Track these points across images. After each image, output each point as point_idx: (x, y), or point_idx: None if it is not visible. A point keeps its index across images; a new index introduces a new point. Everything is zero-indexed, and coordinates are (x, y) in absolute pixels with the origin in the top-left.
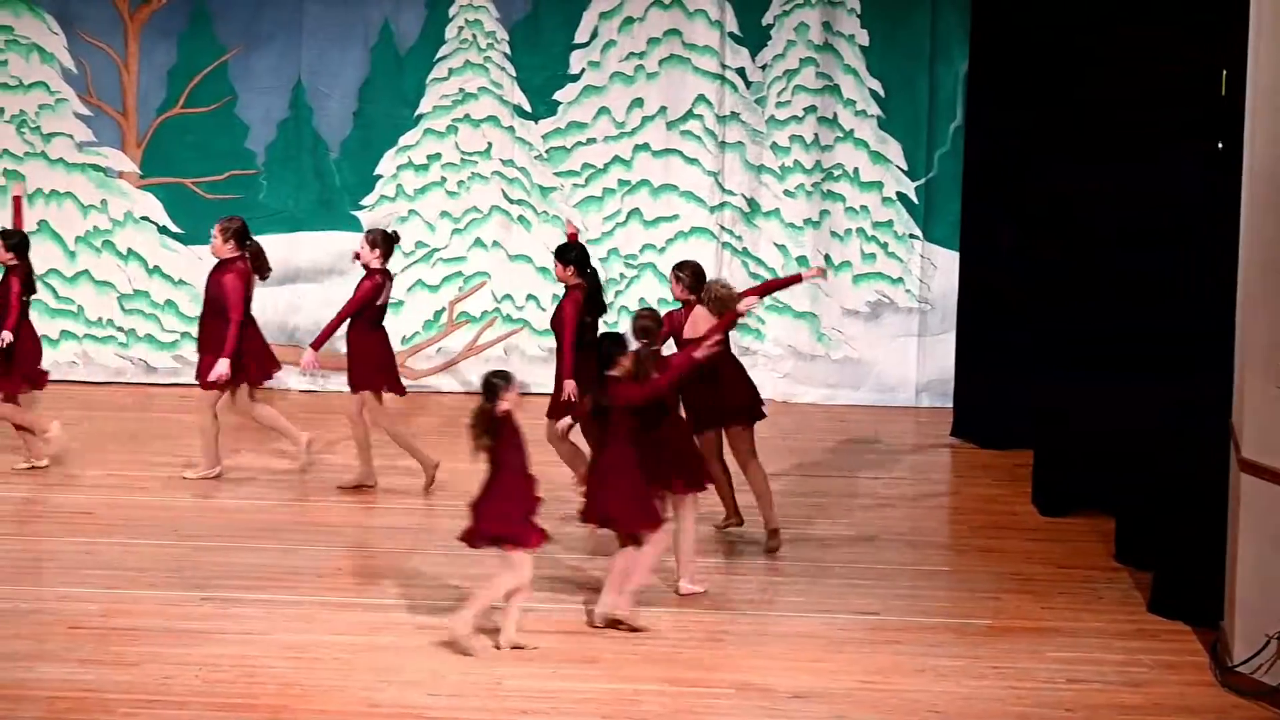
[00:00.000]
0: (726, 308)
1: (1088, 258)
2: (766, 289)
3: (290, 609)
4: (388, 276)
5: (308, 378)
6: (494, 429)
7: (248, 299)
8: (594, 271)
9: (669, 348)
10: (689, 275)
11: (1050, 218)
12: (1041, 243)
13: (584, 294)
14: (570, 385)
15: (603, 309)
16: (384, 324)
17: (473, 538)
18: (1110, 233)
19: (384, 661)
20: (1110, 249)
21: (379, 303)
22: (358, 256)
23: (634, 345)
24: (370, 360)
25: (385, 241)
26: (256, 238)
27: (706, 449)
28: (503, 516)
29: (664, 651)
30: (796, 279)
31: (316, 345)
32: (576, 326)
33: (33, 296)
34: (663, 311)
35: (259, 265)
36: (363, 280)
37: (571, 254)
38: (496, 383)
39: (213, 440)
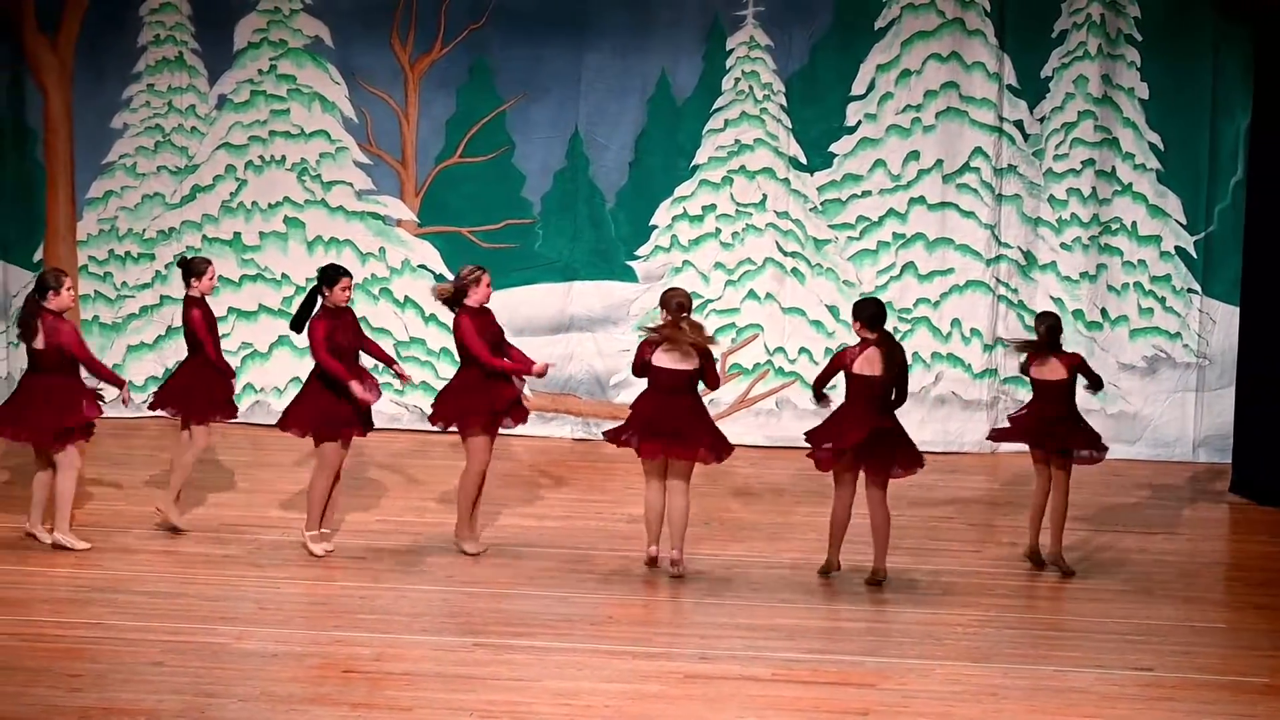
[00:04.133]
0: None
1: None
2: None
3: (561, 655)
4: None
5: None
6: None
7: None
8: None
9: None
10: (868, 313)
11: None
12: None
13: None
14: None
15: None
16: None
17: None
18: None
19: (652, 710)
20: None
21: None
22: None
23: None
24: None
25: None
26: (531, 285)
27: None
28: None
29: (937, 706)
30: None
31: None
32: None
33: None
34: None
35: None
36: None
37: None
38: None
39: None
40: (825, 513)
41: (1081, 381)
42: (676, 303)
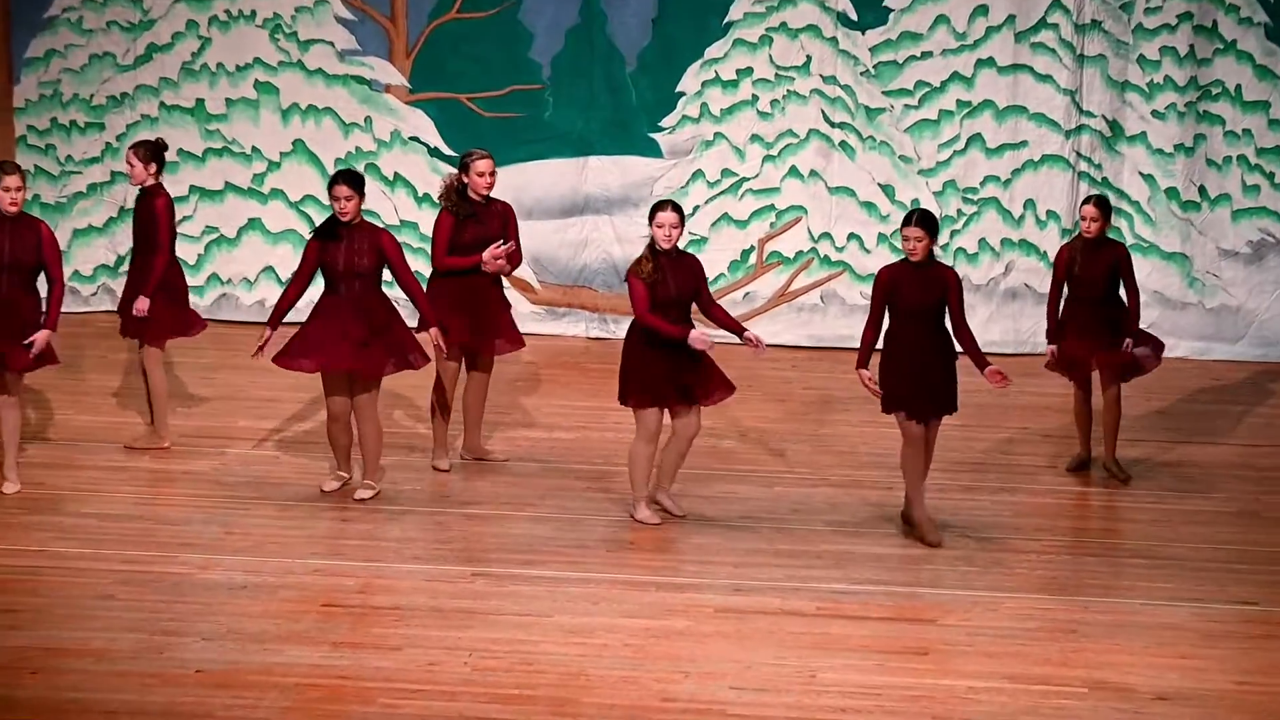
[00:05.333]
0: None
1: None
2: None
3: (574, 587)
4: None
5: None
6: None
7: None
8: None
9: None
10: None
11: None
12: None
13: None
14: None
15: None
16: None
17: None
18: None
19: (680, 649)
20: None
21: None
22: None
23: None
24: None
25: (157, 153)
26: (540, 161)
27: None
28: None
29: (1006, 644)
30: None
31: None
32: None
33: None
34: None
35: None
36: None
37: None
38: None
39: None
40: (877, 423)
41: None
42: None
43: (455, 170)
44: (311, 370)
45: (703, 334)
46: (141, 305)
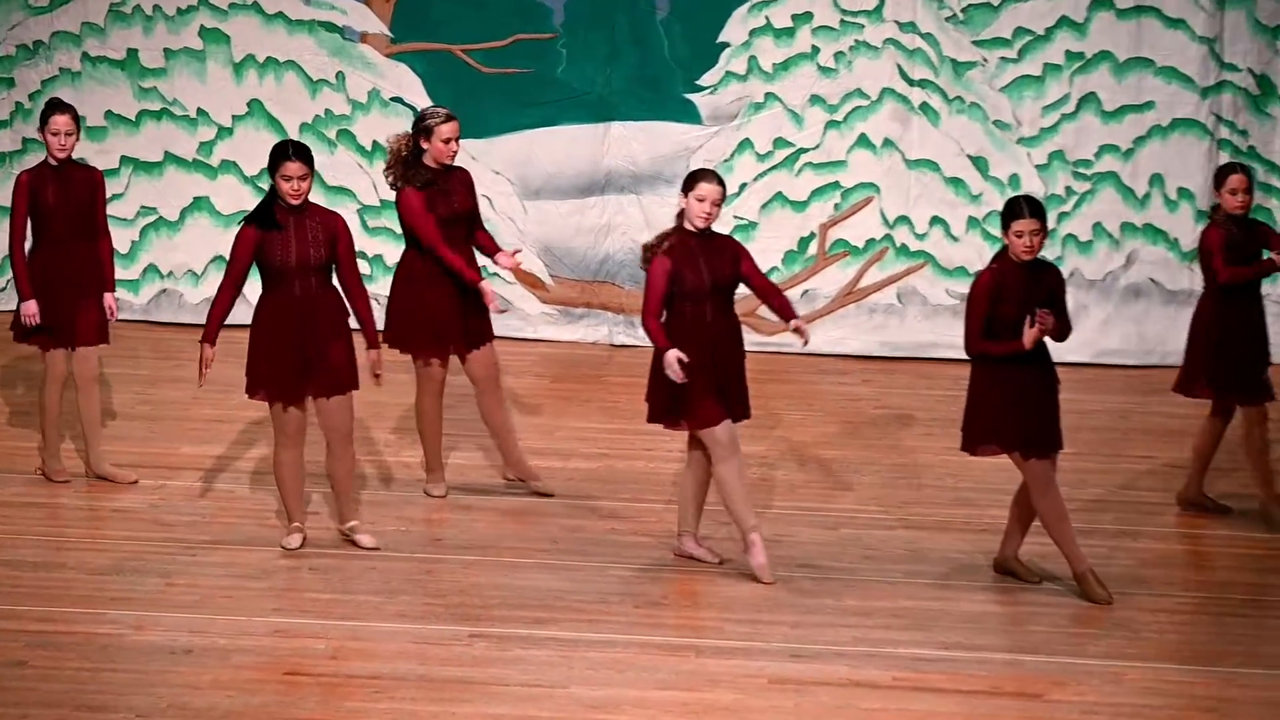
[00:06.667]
0: None
1: None
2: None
3: (595, 652)
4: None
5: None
6: None
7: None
8: None
9: None
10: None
11: None
12: None
13: None
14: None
15: None
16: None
17: None
18: None
19: None
20: None
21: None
22: None
23: None
24: None
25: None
26: (551, 128)
27: None
28: None
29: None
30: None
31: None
32: None
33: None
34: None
35: None
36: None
37: None
38: None
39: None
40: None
41: None
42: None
43: (404, 133)
44: (270, 402)
45: (677, 358)
46: (110, 301)
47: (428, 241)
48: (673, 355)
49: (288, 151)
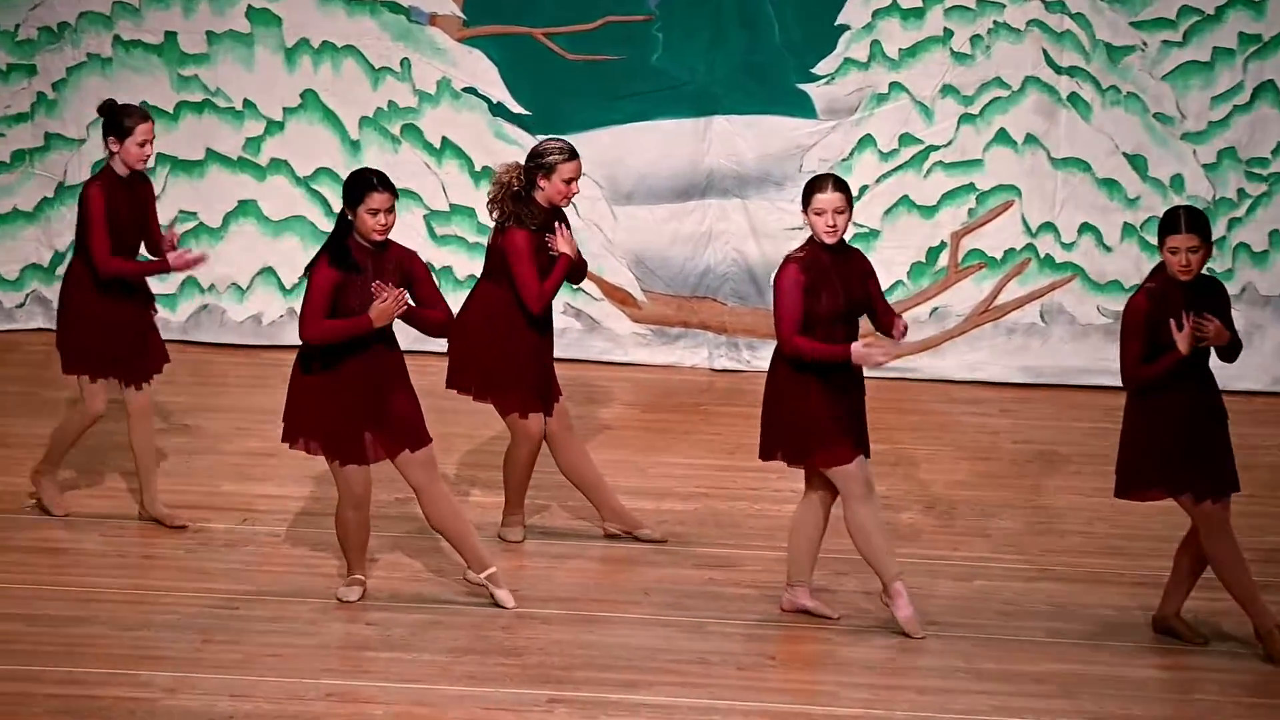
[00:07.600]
0: None
1: None
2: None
3: (693, 717)
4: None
5: None
6: None
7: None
8: None
9: None
10: None
11: None
12: None
13: None
14: None
15: None
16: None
17: None
18: None
19: None
20: None
21: None
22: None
23: None
24: None
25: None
26: (646, 123)
27: None
28: None
29: None
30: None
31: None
32: None
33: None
34: None
35: None
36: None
37: None
38: None
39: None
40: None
41: None
42: None
43: (514, 163)
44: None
45: (869, 345)
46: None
47: (525, 293)
48: (860, 348)
49: (373, 181)
